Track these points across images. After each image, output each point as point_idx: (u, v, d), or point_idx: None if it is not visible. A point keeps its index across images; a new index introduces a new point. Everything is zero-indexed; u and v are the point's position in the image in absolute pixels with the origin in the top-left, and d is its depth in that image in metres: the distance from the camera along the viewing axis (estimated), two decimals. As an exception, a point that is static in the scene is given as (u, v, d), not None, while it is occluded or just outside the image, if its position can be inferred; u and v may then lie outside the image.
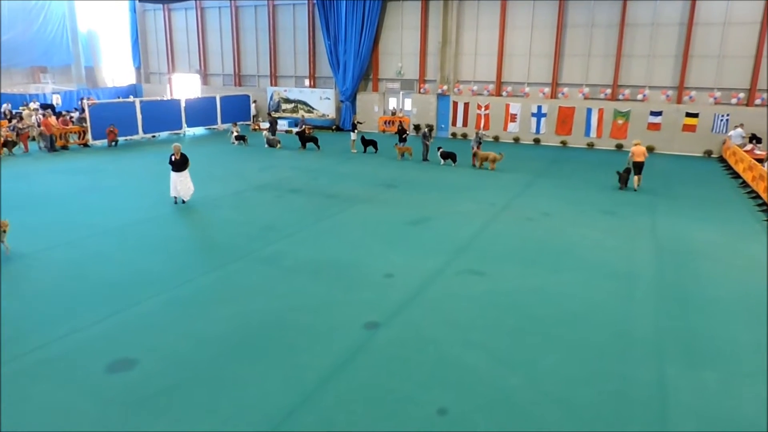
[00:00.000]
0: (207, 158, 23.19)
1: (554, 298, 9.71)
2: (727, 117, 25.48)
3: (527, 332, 8.45)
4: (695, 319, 9.05)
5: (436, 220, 14.38)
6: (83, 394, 6.62)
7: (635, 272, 11.06)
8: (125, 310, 8.87)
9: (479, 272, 10.82)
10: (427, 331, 8.39)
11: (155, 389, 6.73)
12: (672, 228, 14.18)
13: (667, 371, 7.42)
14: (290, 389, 6.81)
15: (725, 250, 12.57)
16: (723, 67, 25.51)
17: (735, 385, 7.14)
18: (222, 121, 32.51)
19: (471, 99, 30.51)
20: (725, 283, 10.62)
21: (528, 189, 18.43)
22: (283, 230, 13.35)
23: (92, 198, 16.26)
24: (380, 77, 33.04)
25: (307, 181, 19.14)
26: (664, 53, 26.41)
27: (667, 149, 26.74)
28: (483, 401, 6.65)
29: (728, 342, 8.31)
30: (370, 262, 11.23)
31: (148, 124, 28.36)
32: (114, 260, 11.13)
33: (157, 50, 40.67)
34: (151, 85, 41.24)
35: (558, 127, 28.75)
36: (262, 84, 36.71)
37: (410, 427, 6.14)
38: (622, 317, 9.04)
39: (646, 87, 27.02)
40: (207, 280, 10.26)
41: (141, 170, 20.46)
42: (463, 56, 30.66)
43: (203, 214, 14.84)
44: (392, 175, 20.25)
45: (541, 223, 14.40)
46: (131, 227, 13.38)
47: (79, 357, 7.44)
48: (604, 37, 27.30)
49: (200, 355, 7.57)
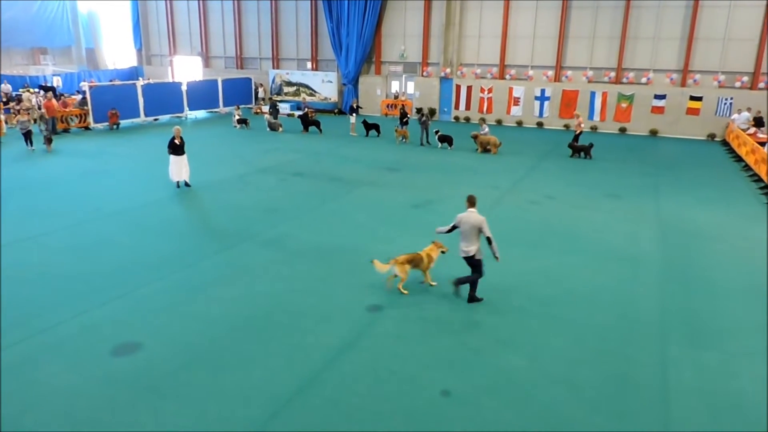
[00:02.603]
0: (210, 141, 23.16)
1: (558, 280, 9.75)
2: (731, 100, 25.31)
3: (531, 314, 8.50)
4: (698, 300, 9.09)
5: (440, 203, 14.38)
6: (89, 377, 6.68)
7: (639, 254, 11.08)
8: (130, 293, 8.92)
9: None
10: (430, 313, 8.44)
11: (161, 371, 6.80)
12: (676, 210, 14.16)
13: (669, 352, 7.47)
14: (295, 370, 6.87)
15: (728, 233, 12.58)
16: (728, 50, 25.27)
17: (735, 365, 7.20)
18: (224, 105, 32.37)
19: (474, 82, 30.31)
20: (728, 265, 10.65)
21: (531, 172, 18.39)
22: (287, 213, 13.36)
23: (95, 181, 16.27)
24: (383, 60, 32.78)
25: (310, 164, 19.11)
26: (669, 35, 26.14)
27: (670, 132, 26.60)
28: (486, 382, 6.71)
29: (730, 322, 8.36)
30: (374, 245, 11.25)
31: (150, 107, 28.25)
32: (118, 244, 11.17)
33: (158, 32, 40.35)
34: (153, 67, 40.99)
35: (561, 111, 28.57)
36: (264, 67, 36.47)
37: (414, 408, 6.21)
38: (626, 299, 9.07)
39: (651, 70, 26.80)
40: (211, 262, 10.30)
41: (143, 154, 20.44)
42: (466, 38, 30.37)
43: (207, 197, 14.85)
44: (394, 159, 20.21)
45: (545, 206, 14.39)
46: (135, 211, 13.40)
47: (85, 340, 7.50)
48: (609, 18, 27.00)
49: (205, 337, 7.63)
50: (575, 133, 21.51)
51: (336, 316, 8.30)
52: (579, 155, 20.99)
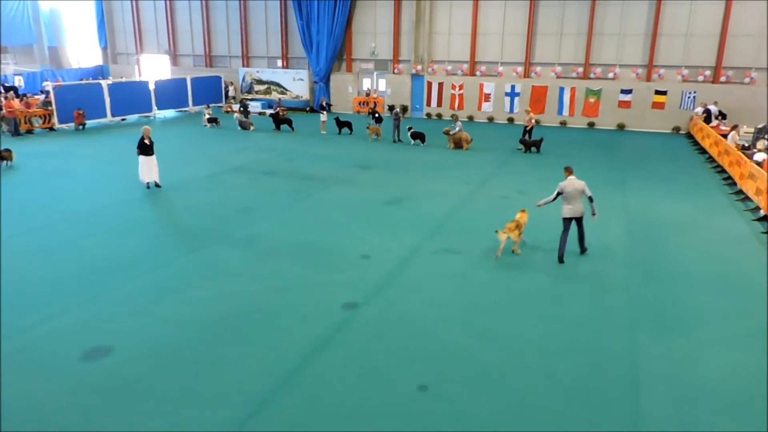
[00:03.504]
0: (180, 141, 22.80)
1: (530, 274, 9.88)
2: (694, 94, 26.00)
3: (505, 307, 8.61)
4: (665, 290, 9.33)
5: (412, 200, 14.44)
6: (58, 383, 6.52)
7: (609, 246, 11.31)
8: (99, 297, 8.74)
9: (456, 251, 10.94)
10: (405, 310, 8.48)
11: (133, 375, 6.68)
12: (643, 203, 14.50)
13: (639, 341, 7.66)
14: (271, 370, 6.83)
15: (694, 223, 12.94)
16: (690, 45, 25.95)
17: (702, 352, 7.42)
18: (193, 103, 31.87)
19: (445, 79, 30.47)
20: (693, 255, 10.96)
21: (502, 168, 18.59)
22: (259, 212, 13.25)
23: (61, 183, 15.86)
24: (354, 57, 32.71)
25: (282, 163, 18.98)
26: (634, 31, 26.71)
27: (637, 126, 27.19)
28: (463, 376, 6.77)
29: (696, 310, 8.61)
30: (348, 243, 11.25)
31: (117, 107, 27.66)
32: (86, 246, 10.92)
33: (124, 30, 39.49)
34: (119, 66, 40.11)
35: (531, 106, 28.83)
36: (234, 65, 36.03)
37: (392, 404, 6.23)
38: (596, 290, 9.26)
39: (617, 65, 27.33)
40: (182, 263, 10.16)
41: (111, 154, 20.00)
42: (437, 35, 30.51)
43: (177, 197, 14.63)
44: (367, 156, 20.21)
45: (516, 201, 14.55)
46: (104, 212, 13.12)
47: (53, 346, 7.31)
48: (576, 14, 27.43)
49: (178, 340, 7.52)
50: (525, 128, 21.81)
51: (311, 315, 8.27)
52: (530, 150, 21.25)
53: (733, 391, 6.58)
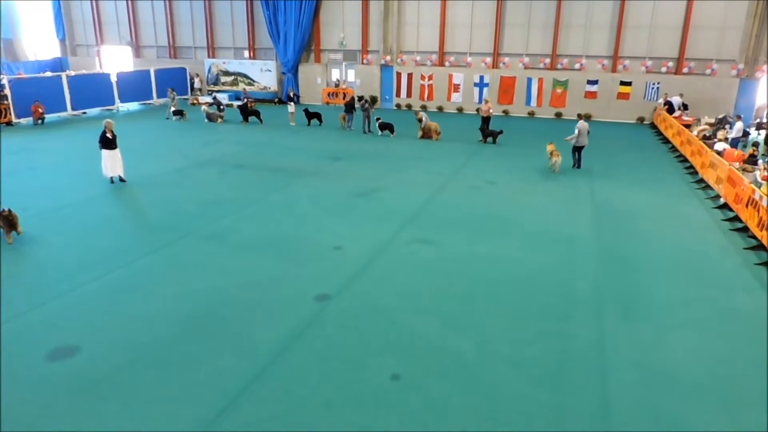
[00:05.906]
0: (145, 135, 22.28)
1: (501, 264, 10.01)
2: (657, 85, 26.58)
3: (476, 297, 8.70)
4: (631, 276, 9.57)
5: (384, 191, 14.44)
6: (24, 383, 6.35)
7: (576, 235, 11.52)
8: (64, 295, 8.51)
9: (428, 241, 10.99)
10: (377, 301, 8.50)
11: (102, 374, 6.54)
12: (609, 192, 14.81)
13: (605, 327, 7.84)
14: (243, 365, 6.77)
15: (658, 211, 13.27)
16: (654, 37, 26.50)
17: (666, 337, 7.64)
18: (158, 96, 31.16)
19: (414, 69, 30.47)
20: (658, 242, 11.25)
21: (473, 158, 18.73)
22: (228, 206, 13.07)
23: (21, 180, 15.33)
24: (322, 48, 32.42)
25: (251, 155, 18.74)
26: (599, 23, 27.13)
27: (603, 117, 27.67)
28: (435, 365, 6.83)
29: (661, 297, 8.85)
30: (319, 236, 11.20)
31: (77, 100, 26.85)
32: (49, 243, 10.62)
33: (83, 21, 38.26)
34: (79, 58, 38.89)
35: (500, 97, 29.19)
36: (200, 56, 35.34)
37: (365, 394, 6.25)
38: (564, 279, 9.43)
39: (583, 56, 27.74)
40: (150, 260, 9.96)
41: (73, 149, 19.42)
42: (405, 26, 30.45)
43: (143, 192, 14.31)
44: (337, 148, 20.11)
45: (487, 191, 14.72)
46: (66, 209, 12.76)
47: (18, 346, 7.10)
48: (543, 6, 27.70)
49: (147, 337, 7.38)
50: (482, 116, 21.98)
51: (283, 308, 8.22)
52: (487, 141, 21.41)
53: (698, 374, 6.80)
